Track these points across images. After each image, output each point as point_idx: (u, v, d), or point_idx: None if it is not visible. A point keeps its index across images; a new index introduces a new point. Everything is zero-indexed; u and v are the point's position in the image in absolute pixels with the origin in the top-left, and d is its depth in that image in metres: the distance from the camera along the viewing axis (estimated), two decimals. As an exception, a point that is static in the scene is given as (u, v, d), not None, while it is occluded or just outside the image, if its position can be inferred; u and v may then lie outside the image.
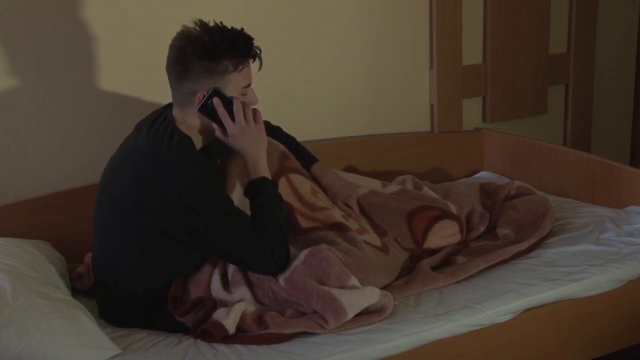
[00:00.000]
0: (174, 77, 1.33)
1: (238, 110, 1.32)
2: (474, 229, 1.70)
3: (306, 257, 1.35)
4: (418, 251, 1.60)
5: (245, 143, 1.34)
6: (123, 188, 1.31)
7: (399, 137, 2.13)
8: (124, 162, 1.34)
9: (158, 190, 1.27)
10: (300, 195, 1.51)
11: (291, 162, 1.55)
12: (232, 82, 1.32)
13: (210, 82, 1.30)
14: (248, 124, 1.34)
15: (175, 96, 1.35)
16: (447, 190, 1.81)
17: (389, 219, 1.61)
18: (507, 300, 1.41)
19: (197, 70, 1.29)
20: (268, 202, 1.36)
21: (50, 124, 1.71)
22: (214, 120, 1.33)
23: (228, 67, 1.31)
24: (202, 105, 1.31)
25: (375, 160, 2.02)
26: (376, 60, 2.09)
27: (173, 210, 1.27)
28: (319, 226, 1.47)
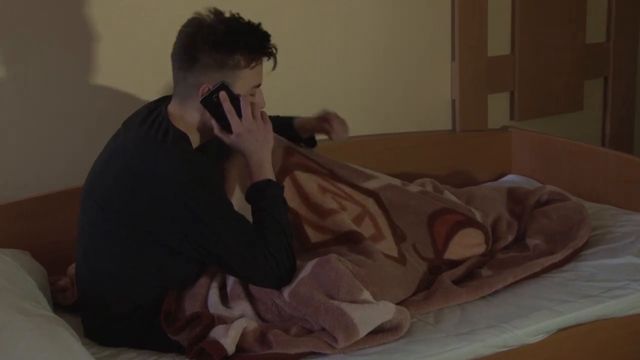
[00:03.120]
0: (179, 66, 1.34)
1: (246, 106, 1.34)
2: (500, 239, 1.71)
3: (313, 268, 1.36)
4: (438, 262, 1.61)
5: (251, 142, 1.36)
6: (110, 190, 1.31)
7: (416, 136, 2.14)
8: (112, 162, 1.35)
9: (149, 191, 1.27)
10: (307, 196, 1.53)
11: (296, 157, 1.57)
12: (241, 79, 1.34)
13: (218, 76, 1.32)
14: (256, 122, 1.36)
15: (177, 87, 1.37)
16: (470, 195, 1.82)
17: (409, 220, 1.63)
18: (538, 318, 1.41)
19: (206, 61, 1.31)
20: (272, 206, 1.37)
21: (31, 123, 1.73)
22: (215, 116, 1.34)
23: (240, 62, 1.33)
24: (206, 97, 1.32)
25: (389, 163, 2.04)
26: (390, 50, 2.10)
27: (166, 214, 1.27)
28: (330, 239, 1.49)
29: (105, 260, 1.35)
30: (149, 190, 1.27)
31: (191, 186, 1.28)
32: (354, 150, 2.02)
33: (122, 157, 1.32)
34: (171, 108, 1.38)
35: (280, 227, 1.35)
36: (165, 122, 1.34)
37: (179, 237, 1.29)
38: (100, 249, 1.35)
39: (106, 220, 1.32)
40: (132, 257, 1.33)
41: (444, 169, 2.13)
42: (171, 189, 1.27)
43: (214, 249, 1.30)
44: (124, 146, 1.35)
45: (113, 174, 1.31)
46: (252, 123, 1.35)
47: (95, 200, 1.34)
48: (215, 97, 1.32)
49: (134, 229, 1.30)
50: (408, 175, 2.01)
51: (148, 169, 1.28)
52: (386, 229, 1.60)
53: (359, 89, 2.10)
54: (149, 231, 1.29)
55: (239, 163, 1.48)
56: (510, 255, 1.66)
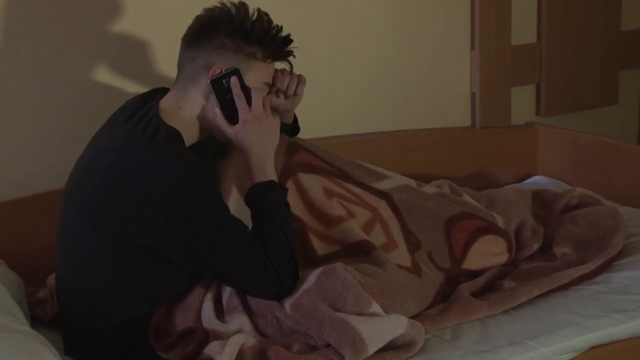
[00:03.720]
0: (190, 44, 1.37)
1: (257, 95, 1.37)
2: (525, 247, 1.72)
3: (318, 278, 1.36)
4: (455, 272, 1.62)
5: (257, 134, 1.37)
6: (94, 192, 1.32)
7: (431, 133, 2.15)
8: (95, 161, 1.35)
9: (137, 192, 1.27)
10: (311, 202, 1.55)
11: (299, 156, 1.59)
12: (255, 70, 1.38)
13: (232, 60, 1.36)
14: (266, 112, 1.38)
15: (182, 70, 1.39)
16: (491, 198, 1.83)
17: (425, 224, 1.64)
18: (566, 335, 1.41)
19: (222, 40, 1.35)
20: (274, 210, 1.38)
21: (6, 119, 1.73)
22: (221, 103, 1.36)
23: (257, 53, 1.38)
24: (216, 79, 1.35)
25: (402, 162, 2.04)
26: (402, 38, 2.11)
27: (155, 218, 1.28)
28: (338, 251, 1.51)
29: (89, 269, 1.36)
30: (138, 190, 1.27)
31: (184, 186, 1.28)
32: (363, 147, 2.03)
33: (108, 156, 1.33)
34: (164, 103, 1.40)
35: (283, 234, 1.36)
36: (156, 118, 1.35)
37: (171, 243, 1.30)
38: (83, 259, 1.36)
39: (90, 227, 1.33)
40: (119, 266, 1.33)
41: (463, 169, 2.14)
42: (162, 189, 1.27)
43: (208, 256, 1.32)
44: (109, 145, 1.36)
45: (98, 174, 1.32)
46: (261, 112, 1.37)
47: (79, 204, 1.35)
48: (225, 81, 1.35)
49: (122, 234, 1.30)
50: (423, 176, 2.00)
51: (137, 168, 1.29)
52: (399, 236, 1.62)
53: (367, 82, 2.11)
54: (138, 236, 1.30)
55: (237, 161, 1.49)
56: (536, 265, 1.66)
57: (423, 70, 2.16)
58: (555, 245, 1.72)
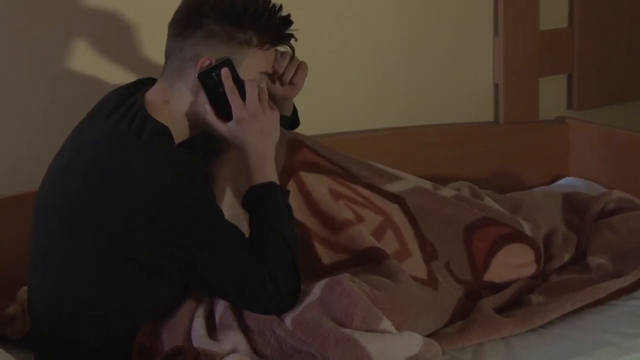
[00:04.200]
0: (177, 32, 1.37)
1: (252, 89, 1.36)
2: (555, 257, 1.71)
3: (322, 291, 1.36)
4: (477, 285, 1.61)
5: (253, 132, 1.37)
6: (73, 196, 1.31)
7: (449, 129, 2.15)
8: (74, 161, 1.35)
9: (121, 192, 1.27)
10: (316, 204, 1.54)
11: (302, 154, 1.59)
12: (250, 59, 1.37)
13: (223, 49, 1.35)
14: (262, 108, 1.37)
15: (169, 62, 1.38)
16: (517, 202, 1.82)
17: (442, 231, 1.64)
18: (602, 357, 1.40)
19: (211, 28, 1.34)
20: (275, 215, 1.37)
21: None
22: (212, 98, 1.36)
23: (252, 39, 1.36)
24: (205, 72, 1.34)
25: (416, 161, 2.03)
26: (417, 25, 2.11)
27: (140, 222, 1.27)
28: (345, 260, 1.51)
29: (66, 281, 1.35)
30: (122, 190, 1.27)
31: (173, 187, 1.28)
32: (373, 147, 2.02)
33: (88, 155, 1.33)
34: (151, 95, 1.39)
35: (284, 241, 1.36)
36: (142, 112, 1.35)
37: (157, 251, 1.29)
38: (60, 268, 1.35)
39: (68, 233, 1.32)
40: (100, 277, 1.32)
41: (484, 169, 2.13)
42: (149, 190, 1.27)
43: (200, 267, 1.31)
44: (89, 142, 1.36)
45: (76, 175, 1.32)
46: (258, 107, 1.36)
47: (54, 209, 1.35)
48: (216, 74, 1.34)
49: (104, 240, 1.30)
50: (440, 177, 2.00)
51: (121, 166, 1.29)
52: (413, 244, 1.61)
53: (377, 72, 2.10)
54: (122, 242, 1.29)
55: (232, 160, 1.49)
56: (568, 277, 1.66)
57: (440, 59, 2.15)
58: (590, 255, 1.72)
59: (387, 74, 2.12)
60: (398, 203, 1.67)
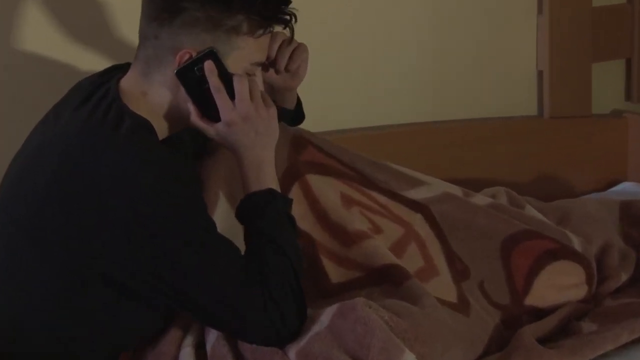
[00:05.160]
0: (152, 16, 1.35)
1: (241, 85, 1.36)
2: (610, 277, 1.72)
3: (333, 318, 1.35)
4: (516, 310, 1.61)
5: (246, 135, 1.37)
6: (36, 203, 1.31)
7: (484, 125, 2.15)
8: (37, 162, 1.35)
9: (94, 201, 1.26)
10: (324, 212, 1.56)
11: (308, 154, 1.61)
12: (239, 50, 1.36)
13: (207, 39, 1.34)
14: (255, 106, 1.37)
15: (143, 48, 1.38)
16: (565, 212, 1.83)
17: (475, 246, 1.65)
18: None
19: (194, 14, 1.32)
20: (275, 227, 1.38)
21: None
22: (194, 97, 1.36)
23: (241, 25, 1.35)
24: (184, 67, 1.34)
25: (444, 163, 2.04)
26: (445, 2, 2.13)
27: (118, 236, 1.27)
28: (359, 278, 1.51)
29: (31, 301, 1.33)
30: (94, 199, 1.27)
31: (156, 193, 1.28)
32: (393, 145, 2.03)
33: (54, 154, 1.33)
34: (126, 83, 1.39)
35: (287, 258, 1.36)
36: (117, 104, 1.36)
37: (137, 271, 1.29)
38: (24, 285, 1.34)
39: (31, 245, 1.32)
40: (71, 298, 1.31)
41: (526, 172, 2.13)
42: (126, 198, 1.27)
43: (188, 289, 1.31)
44: (55, 139, 1.36)
45: (40, 179, 1.32)
46: (249, 106, 1.36)
47: (13, 218, 1.35)
48: (198, 68, 1.34)
49: (73, 259, 1.29)
50: (472, 182, 2.00)
51: (92, 169, 1.28)
52: (440, 260, 1.62)
53: (398, 58, 2.10)
54: (94, 261, 1.29)
55: (225, 162, 1.50)
56: (625, 301, 1.67)
57: (473, 42, 2.17)
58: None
59: (408, 59, 2.13)
60: (422, 212, 1.68)
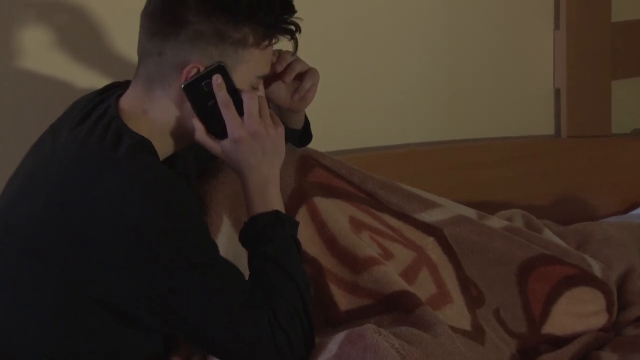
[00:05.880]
0: (154, 31, 1.35)
1: (251, 101, 1.36)
2: (631, 304, 1.72)
3: (341, 345, 1.34)
4: (534, 339, 1.62)
5: (254, 153, 1.37)
6: (32, 227, 1.32)
7: (498, 145, 2.16)
8: (34, 183, 1.36)
9: (93, 227, 1.27)
10: (332, 237, 1.56)
11: (315, 175, 1.60)
12: (245, 63, 1.37)
13: (213, 53, 1.34)
14: (264, 124, 1.38)
15: (144, 64, 1.38)
16: (585, 236, 1.84)
17: (490, 271, 1.65)
18: None
19: (199, 27, 1.33)
20: (282, 252, 1.37)
21: None
22: (201, 112, 1.36)
23: (248, 37, 1.35)
24: (192, 82, 1.34)
25: (458, 184, 2.04)
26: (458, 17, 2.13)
27: (118, 263, 1.27)
28: (369, 306, 1.51)
29: (23, 328, 1.33)
30: (93, 226, 1.27)
31: (157, 215, 1.28)
32: (404, 166, 2.03)
33: (51, 176, 1.34)
34: (126, 102, 1.39)
35: (294, 284, 1.36)
36: (117, 122, 1.36)
37: (137, 298, 1.29)
38: (16, 311, 1.34)
39: (27, 267, 1.32)
40: (65, 325, 1.31)
41: (543, 194, 2.12)
42: (126, 224, 1.27)
43: (190, 317, 1.31)
44: (52, 160, 1.36)
45: (37, 202, 1.33)
46: (259, 124, 1.37)
47: (10, 240, 1.35)
48: (206, 84, 1.34)
49: (69, 279, 1.29)
50: (487, 204, 1.99)
51: (90, 194, 1.29)
52: (454, 286, 1.62)
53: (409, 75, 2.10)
54: (92, 288, 1.29)
55: (231, 184, 1.50)
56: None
57: (486, 59, 2.17)
58: (677, 303, 1.72)
59: (419, 76, 2.13)
60: (435, 236, 1.68)
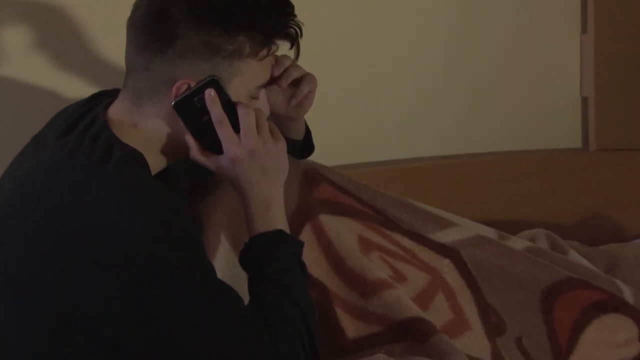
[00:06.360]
0: (142, 45, 1.35)
1: (248, 117, 1.36)
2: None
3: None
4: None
5: (253, 172, 1.38)
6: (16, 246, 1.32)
7: (520, 159, 2.16)
8: (18, 199, 1.36)
9: (80, 249, 1.27)
10: (340, 259, 1.56)
11: (322, 191, 1.61)
12: (242, 75, 1.36)
13: (205, 68, 1.34)
14: (263, 140, 1.38)
15: (133, 78, 1.37)
16: (614, 258, 1.84)
17: (511, 296, 1.65)
18: None
19: (189, 42, 1.32)
20: (285, 275, 1.38)
21: None
22: (194, 130, 1.36)
23: (243, 47, 1.34)
24: (183, 100, 1.33)
25: (476, 201, 2.05)
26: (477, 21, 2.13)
27: (107, 285, 1.27)
28: (379, 333, 1.51)
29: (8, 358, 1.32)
30: (79, 244, 1.27)
31: (150, 235, 1.28)
32: (418, 181, 2.03)
33: (35, 191, 1.34)
34: (115, 112, 1.39)
35: (298, 310, 1.36)
36: (106, 133, 1.36)
37: (129, 324, 1.28)
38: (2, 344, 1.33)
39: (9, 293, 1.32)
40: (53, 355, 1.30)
41: (569, 212, 2.13)
42: (115, 242, 1.27)
43: (185, 344, 1.30)
44: (37, 174, 1.37)
45: (20, 220, 1.33)
46: (256, 141, 1.36)
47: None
48: (198, 99, 1.34)
49: (55, 307, 1.29)
50: (508, 223, 1.99)
51: (78, 207, 1.29)
52: (472, 313, 1.62)
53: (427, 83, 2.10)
54: (78, 311, 1.28)
55: (228, 200, 1.50)
56: (686, 361, 1.62)
57: (507, 65, 2.17)
58: None
59: (434, 83, 2.14)
60: (451, 257, 1.67)
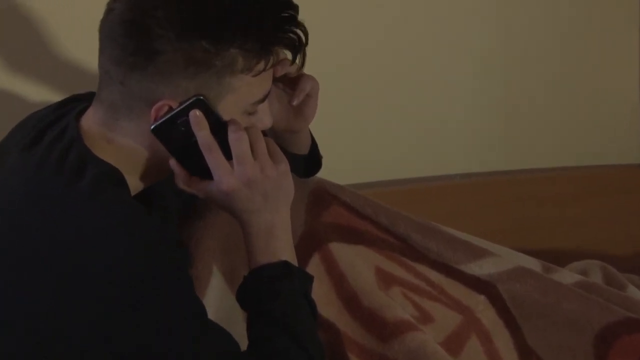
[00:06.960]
0: (115, 59, 1.29)
1: (240, 142, 1.32)
2: None
3: None
4: None
5: (251, 201, 1.35)
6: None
7: (570, 177, 2.18)
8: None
9: (50, 280, 1.24)
10: (354, 296, 1.53)
11: (332, 214, 1.60)
12: (233, 92, 1.31)
13: (189, 87, 1.28)
14: (261, 165, 1.34)
15: (108, 92, 1.31)
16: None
17: (559, 339, 1.62)
18: None
19: (171, 57, 1.26)
20: (287, 312, 1.35)
21: None
22: (178, 155, 1.33)
23: (235, 61, 1.28)
24: (163, 123, 1.28)
25: (517, 226, 2.05)
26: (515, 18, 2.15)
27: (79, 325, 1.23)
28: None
29: None
30: (48, 275, 1.24)
31: (130, 268, 1.24)
32: (447, 202, 2.04)
33: None
34: (88, 123, 1.34)
35: (305, 355, 1.34)
36: (78, 146, 1.32)
37: None
38: None
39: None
40: None
41: (627, 240, 2.11)
42: (93, 273, 1.23)
43: None
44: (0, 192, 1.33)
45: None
46: (253, 168, 1.32)
47: None
48: (182, 122, 1.29)
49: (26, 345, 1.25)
50: (555, 252, 1.98)
51: (45, 235, 1.26)
52: (511, 359, 1.59)
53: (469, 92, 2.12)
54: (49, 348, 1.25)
55: (221, 226, 1.49)
56: None
57: (553, 69, 2.17)
58: None
59: (470, 92, 2.15)
60: (487, 294, 1.64)
